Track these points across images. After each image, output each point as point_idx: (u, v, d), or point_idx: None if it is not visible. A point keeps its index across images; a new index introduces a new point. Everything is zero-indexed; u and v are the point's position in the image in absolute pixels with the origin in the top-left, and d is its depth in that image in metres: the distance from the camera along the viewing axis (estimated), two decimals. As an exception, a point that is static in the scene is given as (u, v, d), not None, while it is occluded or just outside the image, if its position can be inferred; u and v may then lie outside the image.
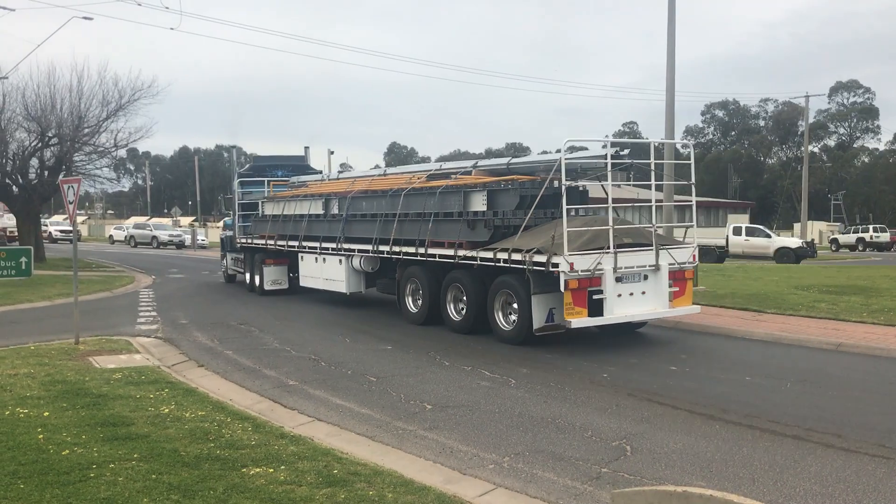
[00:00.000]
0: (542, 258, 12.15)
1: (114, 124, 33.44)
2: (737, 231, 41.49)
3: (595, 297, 12.30)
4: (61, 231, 59.28)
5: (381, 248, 16.33)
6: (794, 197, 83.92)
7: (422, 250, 14.99)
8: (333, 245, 18.22)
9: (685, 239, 14.14)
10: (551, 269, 11.98)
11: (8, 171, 33.05)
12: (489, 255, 13.30)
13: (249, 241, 22.90)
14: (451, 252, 14.24)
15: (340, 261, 18.04)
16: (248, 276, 23.20)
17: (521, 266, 12.56)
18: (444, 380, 10.51)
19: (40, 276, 25.81)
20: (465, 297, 14.29)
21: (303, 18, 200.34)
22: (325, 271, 18.83)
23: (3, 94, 31.93)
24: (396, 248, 15.79)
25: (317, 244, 19.02)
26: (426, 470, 6.88)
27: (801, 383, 10.31)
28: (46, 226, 57.83)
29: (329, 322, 16.32)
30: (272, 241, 21.24)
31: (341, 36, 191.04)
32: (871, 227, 64.25)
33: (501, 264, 13.02)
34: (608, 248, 12.30)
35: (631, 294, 12.63)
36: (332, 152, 57.87)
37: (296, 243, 20.00)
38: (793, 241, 42.43)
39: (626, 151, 13.27)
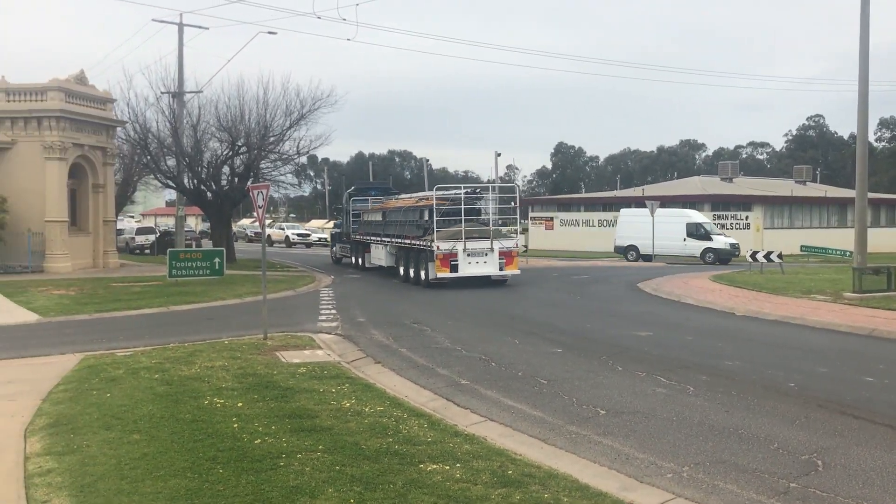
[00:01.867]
0: (430, 244, 24.04)
1: (296, 133, 35.52)
2: None
3: (452, 263, 23.78)
4: (298, 235, 61.36)
5: (393, 240, 28.00)
6: None
7: (403, 241, 26.81)
8: (381, 239, 29.77)
9: (519, 235, 26.49)
10: (432, 249, 23.77)
11: (203, 178, 35.81)
12: (418, 242, 25.34)
13: (356, 237, 33.78)
14: (408, 242, 26.20)
15: (384, 248, 29.41)
16: (353, 258, 34.51)
17: (425, 247, 24.54)
18: (618, 385, 10.30)
19: (231, 275, 27.77)
20: (413, 265, 25.91)
21: (471, 22, 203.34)
22: (379, 255, 30.04)
23: (199, 106, 34.73)
24: (397, 240, 27.61)
25: (375, 238, 30.66)
26: (601, 476, 6.76)
27: None
28: (283, 229, 61.55)
29: (497, 323, 16.47)
30: (366, 237, 32.22)
31: (509, 38, 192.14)
32: None
33: (420, 247, 25.07)
34: (461, 238, 23.76)
35: (477, 262, 24.14)
36: (499, 154, 58.39)
37: (369, 237, 31.61)
38: None
39: (479, 191, 27.31)
